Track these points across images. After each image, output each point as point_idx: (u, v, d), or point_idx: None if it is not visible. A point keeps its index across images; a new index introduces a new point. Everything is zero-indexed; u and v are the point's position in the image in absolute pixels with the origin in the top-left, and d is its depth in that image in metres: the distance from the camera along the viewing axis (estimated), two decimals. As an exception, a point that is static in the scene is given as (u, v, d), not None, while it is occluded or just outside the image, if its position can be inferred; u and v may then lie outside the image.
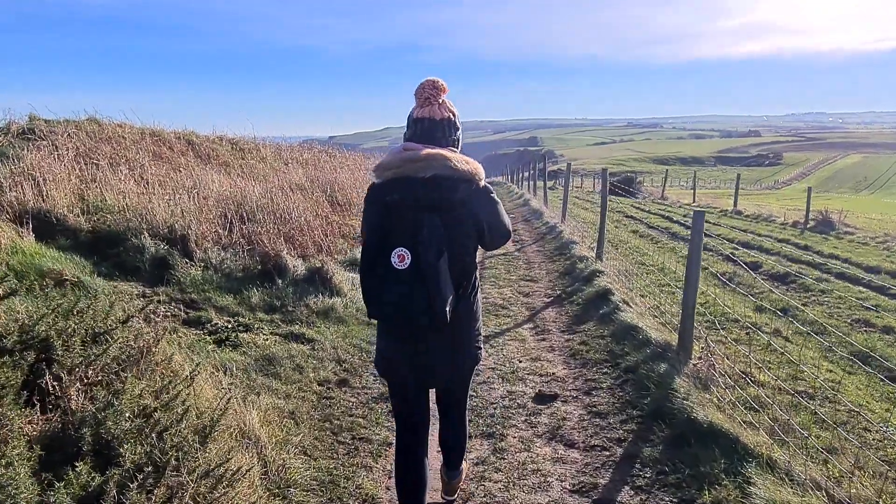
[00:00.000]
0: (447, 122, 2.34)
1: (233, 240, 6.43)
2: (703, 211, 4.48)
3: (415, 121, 2.34)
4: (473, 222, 2.27)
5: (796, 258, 10.69)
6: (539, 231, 12.36)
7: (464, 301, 2.32)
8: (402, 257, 2.11)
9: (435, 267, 2.10)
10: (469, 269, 2.34)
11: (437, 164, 2.20)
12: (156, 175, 8.46)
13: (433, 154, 2.22)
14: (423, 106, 2.33)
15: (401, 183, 2.22)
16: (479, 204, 2.27)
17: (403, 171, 2.22)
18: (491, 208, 2.31)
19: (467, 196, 2.23)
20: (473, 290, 2.40)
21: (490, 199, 2.32)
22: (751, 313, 6.93)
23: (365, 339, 5.29)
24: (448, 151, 2.27)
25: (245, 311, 5.35)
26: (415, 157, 2.22)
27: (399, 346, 2.34)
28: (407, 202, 2.20)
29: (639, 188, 32.57)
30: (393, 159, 2.27)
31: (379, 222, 2.23)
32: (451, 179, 2.21)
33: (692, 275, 4.54)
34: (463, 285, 2.31)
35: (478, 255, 7.88)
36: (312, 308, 5.61)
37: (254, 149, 14.58)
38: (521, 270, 8.71)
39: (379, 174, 2.29)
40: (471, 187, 2.25)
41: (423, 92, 2.33)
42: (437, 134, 2.31)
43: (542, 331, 5.95)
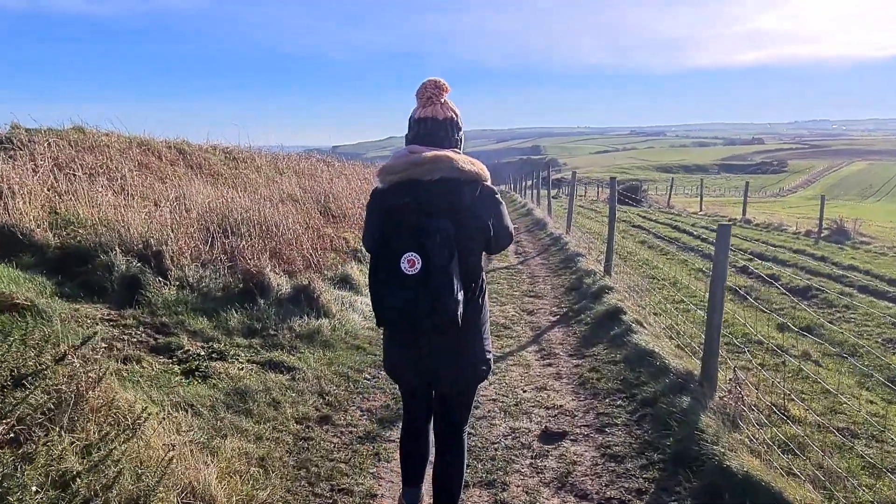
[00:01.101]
0: (450, 122, 2.31)
1: (213, 255, 5.96)
2: (728, 225, 3.99)
3: (417, 121, 2.31)
4: (480, 224, 2.24)
5: (815, 270, 10.17)
6: (543, 242, 11.86)
7: (472, 304, 2.29)
8: (412, 262, 2.07)
9: (447, 270, 2.07)
10: (476, 270, 2.30)
11: (444, 166, 2.18)
12: (138, 186, 8.01)
13: (439, 156, 2.19)
14: (426, 106, 2.30)
15: (407, 186, 2.19)
16: (485, 205, 2.25)
17: (409, 175, 2.20)
18: (496, 210, 2.30)
19: (474, 198, 2.22)
20: (481, 292, 2.36)
21: (495, 200, 2.30)
22: (774, 333, 6.42)
23: (353, 365, 4.80)
24: (453, 153, 2.25)
25: (221, 336, 4.87)
26: (420, 159, 2.19)
27: (404, 350, 2.33)
28: (414, 206, 2.17)
29: (644, 196, 32.08)
30: (397, 163, 2.24)
31: (384, 228, 2.18)
32: (458, 181, 2.19)
33: (717, 296, 4.04)
34: (471, 287, 2.28)
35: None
36: (296, 331, 5.13)
37: (248, 158, 14.16)
38: (525, 285, 8.22)
39: (383, 179, 2.25)
40: (477, 188, 2.23)
41: (425, 92, 2.29)
42: (440, 134, 2.28)
43: (548, 354, 5.45)
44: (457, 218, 2.17)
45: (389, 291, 2.12)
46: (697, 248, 12.54)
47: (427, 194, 2.17)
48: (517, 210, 20.86)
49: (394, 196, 2.22)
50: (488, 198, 2.28)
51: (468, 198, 2.21)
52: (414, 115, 2.33)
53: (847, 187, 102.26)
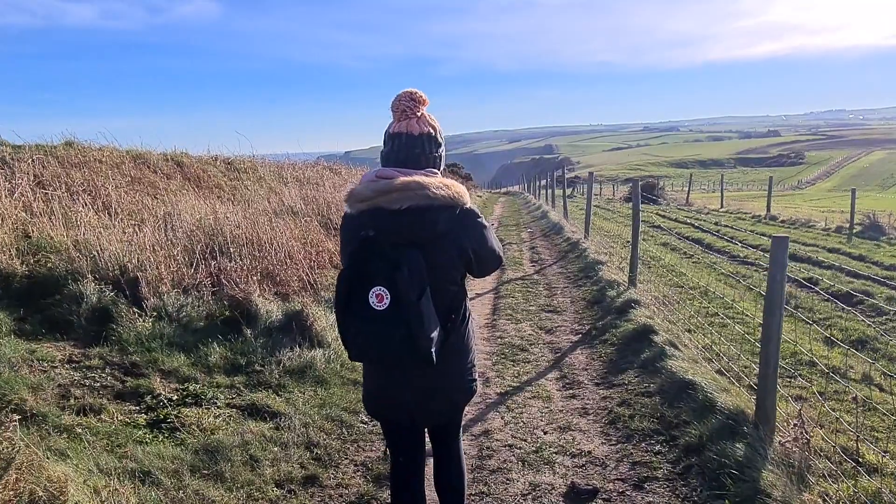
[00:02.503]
0: (427, 138, 2.13)
1: (197, 280, 5.41)
2: (784, 237, 3.34)
3: (391, 136, 2.13)
4: (459, 252, 2.09)
5: (855, 271, 9.40)
6: (560, 248, 11.21)
7: (453, 334, 2.15)
8: (380, 297, 1.94)
9: (417, 307, 1.93)
10: (456, 300, 2.17)
11: (413, 195, 2.00)
12: (125, 203, 7.50)
13: (408, 183, 2.01)
14: (400, 120, 2.12)
15: (375, 216, 2.02)
16: (463, 231, 2.09)
17: (377, 203, 2.02)
18: (477, 234, 2.12)
19: (450, 225, 2.05)
20: (463, 321, 2.21)
21: (476, 224, 2.12)
22: (822, 348, 5.73)
23: (348, 406, 4.21)
24: (425, 177, 2.05)
25: (200, 375, 4.30)
26: (388, 187, 2.01)
27: (385, 384, 2.20)
28: (382, 237, 2.00)
29: (661, 194, 31.25)
30: (364, 190, 2.05)
31: (353, 257, 2.03)
32: (431, 209, 2.01)
33: (773, 323, 3.39)
34: (451, 318, 2.14)
35: (492, 282, 6.59)
36: (285, 366, 4.55)
37: (250, 168, 13.67)
38: (542, 299, 7.58)
39: (351, 204, 2.10)
40: (454, 214, 2.05)
41: (400, 105, 2.12)
42: (416, 151, 2.10)
43: (570, 383, 4.82)
44: (431, 247, 2.02)
45: (357, 326, 2.00)
46: (724, 250, 11.82)
47: (396, 225, 2.00)
48: (531, 213, 20.22)
49: (361, 225, 2.05)
50: (468, 222, 2.10)
51: (443, 225, 2.03)
52: (388, 129, 2.15)
53: (868, 177, 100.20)
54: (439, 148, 2.18)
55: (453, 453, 2.45)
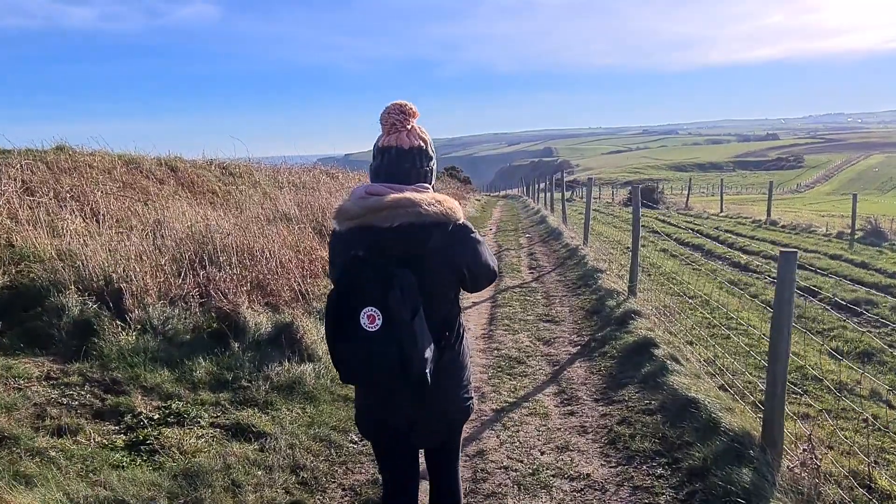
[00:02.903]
0: (417, 151, 2.06)
1: (184, 291, 5.25)
2: (793, 252, 3.18)
3: (381, 150, 2.07)
4: (452, 269, 2.04)
5: (858, 279, 9.28)
6: (559, 255, 11.06)
7: (448, 352, 2.09)
8: (372, 318, 1.88)
9: (410, 327, 1.87)
10: (450, 317, 2.12)
11: (404, 212, 1.94)
12: (114, 210, 7.34)
13: (399, 200, 1.95)
14: (390, 133, 2.06)
15: (365, 234, 1.97)
16: (456, 248, 2.03)
17: (367, 221, 1.96)
18: (471, 250, 2.07)
19: (443, 241, 1.99)
20: (458, 338, 2.15)
21: (469, 239, 2.07)
22: (827, 362, 5.58)
23: (338, 424, 4.04)
24: (416, 193, 2.00)
25: (184, 391, 4.14)
26: (377, 205, 1.95)
27: (378, 405, 2.12)
28: (374, 256, 1.95)
29: (661, 198, 31.13)
30: (354, 207, 2.00)
31: (342, 276, 1.96)
32: (422, 226, 1.96)
33: (781, 341, 3.23)
34: (445, 336, 2.08)
35: (489, 290, 6.39)
36: (273, 381, 4.39)
37: (246, 172, 13.52)
38: (540, 308, 7.43)
39: (340, 222, 2.04)
40: (446, 230, 2.00)
41: (389, 118, 2.06)
42: (406, 165, 2.05)
43: (569, 399, 4.66)
44: (423, 265, 1.96)
45: (349, 348, 1.92)
46: (725, 256, 11.68)
47: (387, 243, 1.95)
48: (530, 217, 20.08)
49: (351, 243, 1.99)
50: (461, 238, 2.04)
51: (436, 241, 1.98)
52: (378, 143, 2.08)
53: (866, 181, 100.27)
54: (430, 161, 2.12)
55: (451, 478, 2.35)
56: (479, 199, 30.91)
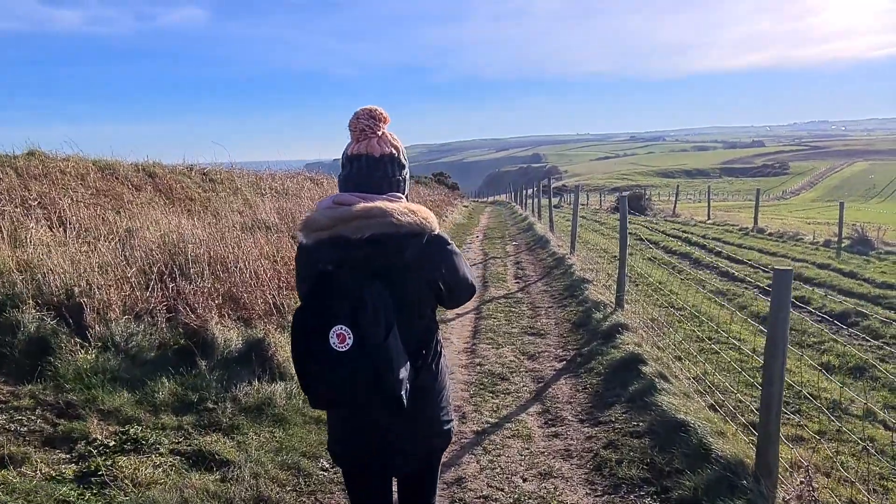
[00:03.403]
0: (389, 159, 1.96)
1: (151, 305, 4.99)
2: (788, 270, 3.00)
3: (350, 158, 1.96)
4: (428, 283, 1.94)
5: (847, 289, 9.17)
6: (545, 264, 10.88)
7: (424, 371, 1.96)
8: (342, 337, 1.72)
9: (384, 347, 1.73)
10: (427, 335, 2.00)
11: (376, 222, 1.82)
12: (83, 218, 7.06)
13: (369, 209, 1.83)
14: (359, 140, 1.95)
15: (334, 246, 1.84)
16: (433, 261, 1.92)
17: (336, 232, 1.83)
18: (448, 263, 1.96)
19: (418, 253, 1.88)
20: (435, 356, 2.02)
21: (446, 251, 1.96)
22: (819, 378, 5.42)
23: (308, 449, 3.81)
24: (387, 202, 1.88)
25: (144, 415, 3.89)
26: (347, 214, 1.83)
27: (351, 430, 1.99)
28: (343, 270, 1.82)
29: (648, 205, 31.13)
30: (321, 217, 1.87)
31: (310, 292, 1.83)
32: (395, 237, 1.84)
33: (775, 365, 3.04)
34: (422, 354, 1.96)
35: (474, 301, 6.16)
36: (241, 403, 4.15)
37: (227, 179, 13.25)
38: (525, 320, 7.23)
39: (306, 234, 1.90)
40: (421, 242, 1.88)
41: (358, 123, 1.95)
42: (377, 174, 1.94)
43: (553, 419, 4.46)
44: (397, 279, 1.85)
45: (318, 371, 1.78)
46: (713, 265, 11.56)
47: (357, 256, 1.83)
48: (517, 224, 19.93)
49: (319, 257, 1.86)
50: (437, 250, 1.93)
51: (410, 254, 1.86)
52: (347, 150, 1.97)
53: (850, 188, 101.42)
54: (403, 170, 2.01)
55: None
56: (467, 206, 30.77)
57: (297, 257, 2.01)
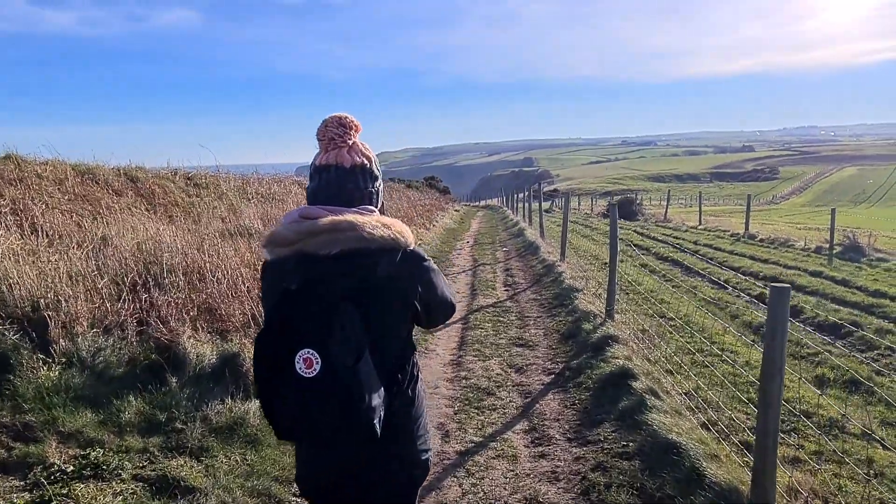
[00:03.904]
0: (360, 170, 1.82)
1: (121, 317, 4.78)
2: (786, 287, 2.85)
3: (318, 170, 1.81)
4: (403, 302, 1.77)
5: (839, 298, 9.06)
6: (535, 271, 10.72)
7: (399, 397, 1.79)
8: (309, 362, 1.57)
9: (354, 373, 1.59)
10: (401, 358, 1.82)
11: (345, 236, 1.67)
12: (57, 225, 6.83)
13: (338, 223, 1.68)
14: (328, 150, 1.81)
15: (300, 263, 1.69)
16: (408, 278, 1.76)
17: (302, 248, 1.68)
18: (425, 281, 1.81)
19: (392, 270, 1.73)
20: (411, 380, 1.86)
21: (422, 268, 1.81)
22: (813, 394, 5.27)
23: (281, 474, 3.62)
24: (358, 215, 1.73)
25: (108, 437, 3.68)
26: (314, 228, 1.68)
27: (320, 463, 1.80)
28: (311, 290, 1.66)
29: (639, 210, 31.11)
30: (286, 232, 1.71)
31: (274, 313, 1.67)
32: (368, 253, 1.69)
33: (773, 388, 2.88)
34: (397, 379, 1.79)
35: (462, 310, 5.98)
36: (212, 422, 3.94)
37: (213, 183, 13.02)
38: (514, 330, 7.06)
39: (271, 249, 1.75)
40: (395, 258, 1.74)
41: (327, 132, 1.81)
42: (348, 186, 1.79)
43: (540, 438, 4.28)
44: (368, 299, 1.71)
45: (283, 398, 1.63)
46: (704, 273, 11.44)
47: (325, 273, 1.69)
48: (508, 229, 19.78)
49: (284, 275, 1.72)
50: (412, 267, 1.80)
51: (383, 271, 1.73)
52: (315, 161, 1.84)
53: (840, 193, 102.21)
54: (375, 181, 1.87)
55: None
56: (458, 210, 30.60)
57: (262, 275, 1.87)
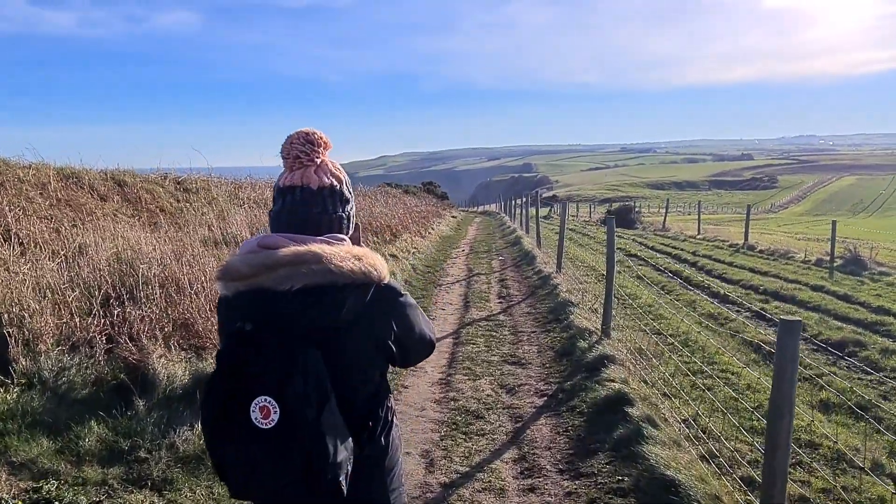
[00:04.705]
0: (329, 193, 1.61)
1: (89, 334, 4.53)
2: (797, 321, 2.60)
3: (281, 191, 1.61)
4: (375, 343, 1.58)
5: (842, 314, 8.82)
6: (531, 283, 10.47)
7: (370, 446, 1.61)
8: (266, 411, 1.39)
9: (316, 426, 1.41)
10: (373, 402, 1.63)
11: (308, 270, 1.47)
12: (34, 232, 6.58)
13: (301, 254, 1.48)
14: (293, 169, 1.61)
15: (256, 300, 1.49)
16: (381, 316, 1.58)
17: (259, 283, 1.48)
18: (401, 319, 1.62)
19: (362, 309, 1.53)
20: (385, 426, 1.66)
21: (398, 305, 1.62)
22: (820, 419, 5.03)
23: (249, 510, 3.35)
24: (325, 245, 1.52)
25: (65, 467, 3.42)
26: (273, 260, 1.48)
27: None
28: (267, 331, 1.46)
29: (638, 218, 30.91)
30: (240, 264, 1.51)
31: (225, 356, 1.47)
32: (334, 289, 1.49)
33: (782, 430, 2.63)
34: (368, 427, 1.60)
35: (454, 324, 5.71)
36: (179, 451, 3.69)
37: (203, 188, 12.77)
38: (506, 346, 6.80)
39: (226, 283, 1.53)
40: (366, 295, 1.54)
41: (292, 149, 1.61)
42: (315, 209, 1.59)
43: (530, 469, 4.02)
44: (335, 341, 1.53)
45: (236, 452, 1.46)
46: (704, 285, 11.21)
47: (284, 312, 1.50)
48: (505, 237, 19.55)
49: (239, 312, 1.53)
50: (386, 304, 1.61)
51: (352, 310, 1.53)
52: (278, 182, 1.64)
53: (839, 202, 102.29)
54: (346, 205, 1.67)
55: None
56: (455, 216, 30.37)
57: (217, 311, 1.70)
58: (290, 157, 1.63)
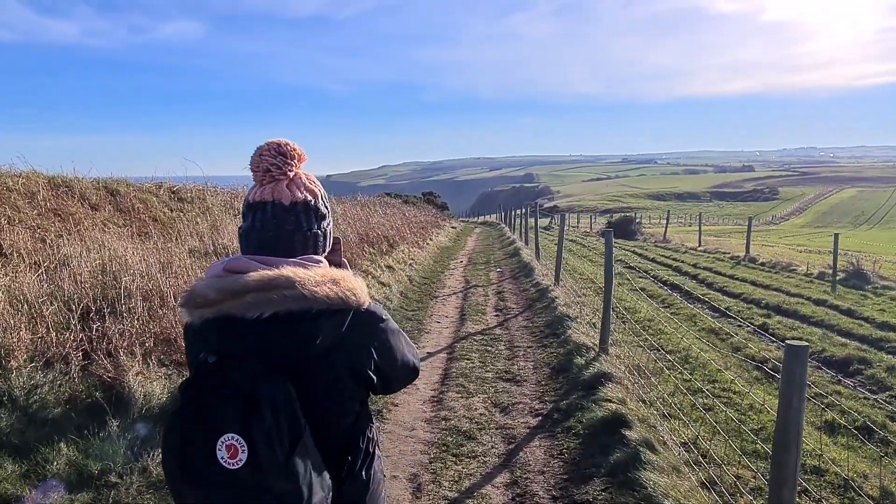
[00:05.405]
0: (303, 208, 1.49)
1: (65, 349, 4.35)
2: (804, 346, 2.42)
3: (251, 207, 1.49)
4: (353, 373, 1.46)
5: (846, 330, 8.63)
6: (528, 295, 10.29)
7: (350, 482, 1.49)
8: (233, 450, 1.26)
9: (287, 466, 1.28)
10: (353, 435, 1.52)
11: (280, 297, 1.35)
12: (17, 243, 6.42)
13: (271, 279, 1.36)
14: (264, 184, 1.48)
15: (223, 329, 1.37)
16: (360, 345, 1.45)
17: (225, 309, 1.36)
18: (382, 347, 1.50)
19: (339, 337, 1.41)
20: (366, 459, 1.54)
21: (378, 331, 1.50)
22: (827, 443, 4.84)
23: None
24: (299, 268, 1.40)
25: (30, 492, 3.24)
26: (238, 285, 1.36)
27: None
28: (233, 363, 1.34)
29: (638, 229, 30.75)
30: (206, 289, 1.39)
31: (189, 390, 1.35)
32: (308, 317, 1.38)
33: (789, 463, 2.45)
34: (347, 461, 1.50)
35: (448, 337, 5.54)
36: (152, 475, 3.51)
37: (198, 197, 12.63)
38: (502, 362, 6.62)
39: (189, 311, 1.40)
40: (344, 321, 1.42)
41: (262, 161, 1.47)
42: (287, 227, 1.46)
43: (522, 495, 3.84)
44: (309, 372, 1.39)
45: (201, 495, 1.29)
46: (704, 299, 11.02)
47: (252, 342, 1.37)
48: (504, 248, 19.39)
49: (205, 342, 1.40)
50: (366, 331, 1.47)
51: (328, 337, 1.40)
52: (248, 197, 1.52)
53: (839, 214, 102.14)
54: (323, 221, 1.54)
55: None
56: (455, 227, 30.22)
57: (184, 339, 1.57)
58: (260, 171, 1.50)
